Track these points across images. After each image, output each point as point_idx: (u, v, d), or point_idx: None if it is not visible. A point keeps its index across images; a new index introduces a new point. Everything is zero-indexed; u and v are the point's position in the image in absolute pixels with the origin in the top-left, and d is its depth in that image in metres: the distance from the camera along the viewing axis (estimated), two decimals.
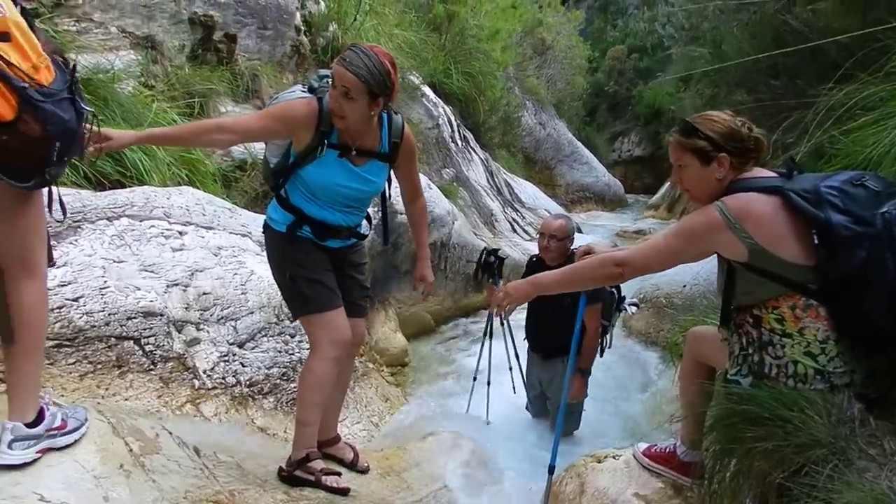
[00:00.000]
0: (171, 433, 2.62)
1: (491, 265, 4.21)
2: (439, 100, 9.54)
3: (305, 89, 2.73)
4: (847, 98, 3.62)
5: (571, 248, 4.20)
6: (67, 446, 2.19)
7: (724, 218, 2.09)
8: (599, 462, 2.82)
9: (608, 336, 4.19)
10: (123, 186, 3.96)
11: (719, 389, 2.30)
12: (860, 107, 3.51)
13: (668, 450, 2.68)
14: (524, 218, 10.71)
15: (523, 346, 4.50)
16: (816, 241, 1.99)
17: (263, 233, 2.90)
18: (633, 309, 5.68)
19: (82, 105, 1.96)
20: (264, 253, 4.01)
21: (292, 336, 4.04)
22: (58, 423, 2.19)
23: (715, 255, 2.25)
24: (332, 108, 2.56)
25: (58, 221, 2.01)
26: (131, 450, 2.33)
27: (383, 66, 2.49)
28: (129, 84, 4.51)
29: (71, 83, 1.92)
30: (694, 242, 2.18)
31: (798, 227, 2.04)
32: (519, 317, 4.20)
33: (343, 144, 2.66)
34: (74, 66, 1.99)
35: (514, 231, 9.82)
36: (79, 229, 3.39)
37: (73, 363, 3.01)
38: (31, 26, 1.89)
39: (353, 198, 2.79)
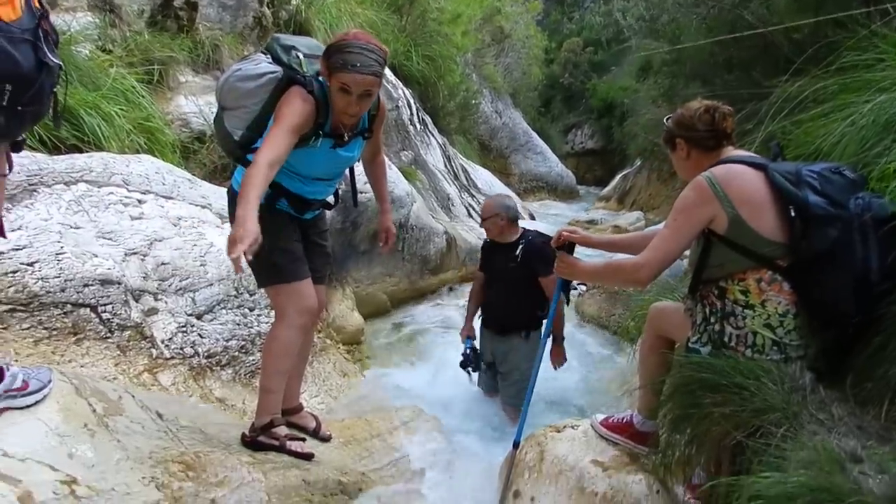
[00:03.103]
0: (133, 396, 2.59)
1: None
2: (399, 82, 9.50)
3: (269, 60, 2.65)
4: (799, 91, 3.77)
5: (514, 223, 4.29)
6: (29, 406, 2.15)
7: (710, 185, 2.20)
8: (558, 432, 2.90)
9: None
10: (80, 151, 3.85)
11: (678, 360, 2.39)
12: (811, 99, 3.65)
13: (624, 420, 2.77)
14: (480, 204, 10.79)
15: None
16: (793, 215, 2.11)
17: (231, 202, 2.81)
18: (582, 288, 5.78)
19: (50, 56, 1.81)
20: (225, 225, 4.00)
21: (251, 310, 4.01)
22: (18, 384, 2.14)
23: None
24: (349, 113, 2.53)
25: (1, 175, 1.87)
26: (95, 410, 2.30)
27: (382, 49, 2.51)
28: (86, 47, 4.37)
29: (37, 28, 1.79)
30: (693, 214, 2.25)
31: (776, 204, 2.15)
32: None
33: (336, 132, 2.65)
34: (45, 12, 1.86)
35: (470, 216, 9.88)
36: (35, 193, 3.30)
37: (28, 328, 2.94)
38: None
39: (334, 173, 2.83)
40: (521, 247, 4.17)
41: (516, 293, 4.16)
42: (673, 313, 2.59)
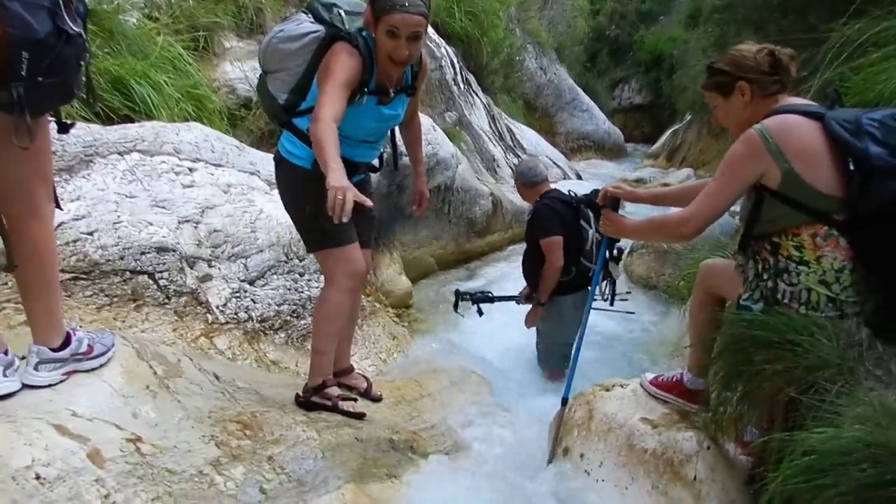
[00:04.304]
0: (191, 359, 2.69)
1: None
2: (441, 40, 9.35)
3: (311, 19, 2.63)
4: (859, 34, 3.60)
5: (530, 188, 4.31)
6: (94, 369, 2.25)
7: (763, 139, 2.10)
8: (607, 391, 2.90)
9: (607, 284, 4.19)
10: (131, 121, 3.94)
11: (729, 317, 2.35)
12: (872, 43, 3.49)
13: (674, 378, 2.74)
14: None
15: None
16: (852, 168, 2.01)
17: (278, 167, 2.86)
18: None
19: (69, 24, 1.77)
20: (273, 192, 4.06)
21: (301, 275, 4.09)
22: (84, 348, 2.24)
23: None
24: (400, 59, 2.49)
25: (22, 147, 1.81)
26: (156, 373, 2.39)
27: None
28: (133, 16, 4.43)
29: None
30: (741, 170, 2.18)
31: (833, 156, 2.06)
32: None
33: (381, 88, 2.63)
34: None
35: None
36: (91, 163, 3.40)
37: (90, 296, 3.06)
38: None
39: (379, 133, 2.82)
40: (530, 210, 4.26)
41: (529, 256, 4.27)
42: (724, 270, 2.54)
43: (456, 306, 4.56)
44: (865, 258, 2.08)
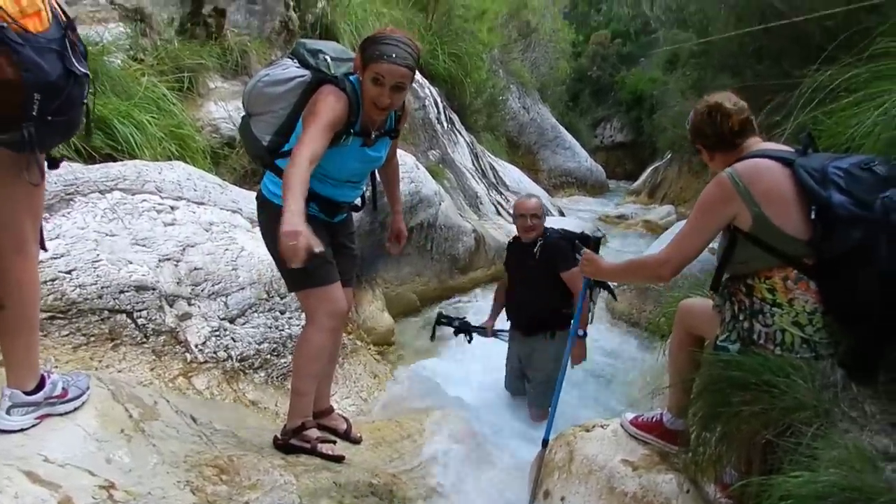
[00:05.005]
0: (168, 401, 2.66)
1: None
2: (425, 80, 9.51)
3: (296, 64, 2.69)
4: (831, 80, 3.69)
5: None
6: (68, 413, 2.21)
7: (733, 182, 2.18)
8: (588, 431, 2.89)
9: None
10: (114, 160, 3.94)
11: (707, 358, 2.37)
12: (843, 88, 3.58)
13: (654, 419, 2.75)
14: (508, 201, 10.72)
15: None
16: (814, 218, 2.06)
17: (261, 207, 2.88)
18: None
19: (76, 65, 1.83)
20: (255, 230, 4.05)
21: (282, 313, 4.07)
22: (58, 391, 2.20)
23: None
24: (380, 105, 2.55)
25: (33, 184, 1.89)
26: (131, 416, 2.36)
27: (416, 46, 2.55)
28: (118, 57, 4.47)
29: (63, 38, 1.81)
30: (713, 212, 2.25)
31: (801, 202, 2.11)
32: None
33: (365, 130, 2.68)
34: (70, 21, 1.89)
35: (499, 214, 9.86)
36: (71, 202, 3.38)
37: (67, 335, 3.02)
38: None
39: (362, 174, 2.87)
40: (539, 244, 4.18)
41: (538, 292, 4.17)
42: (702, 311, 2.57)
43: (433, 336, 4.56)
44: (832, 302, 2.12)
